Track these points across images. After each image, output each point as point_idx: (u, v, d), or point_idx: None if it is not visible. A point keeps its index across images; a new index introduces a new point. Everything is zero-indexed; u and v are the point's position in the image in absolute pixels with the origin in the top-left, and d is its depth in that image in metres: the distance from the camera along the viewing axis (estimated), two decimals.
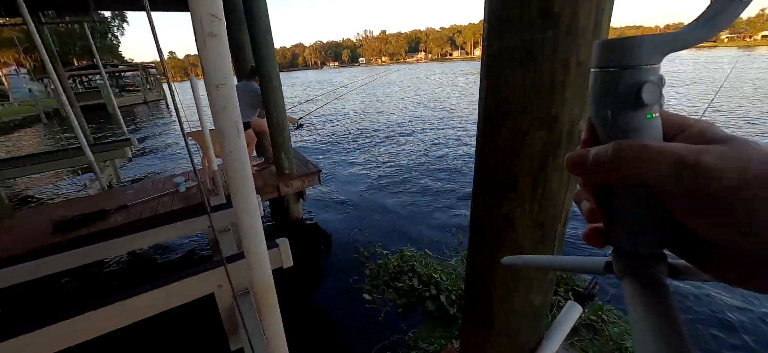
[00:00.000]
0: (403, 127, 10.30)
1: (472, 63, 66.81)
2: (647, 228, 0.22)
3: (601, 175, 0.22)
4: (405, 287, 2.95)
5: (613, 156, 0.21)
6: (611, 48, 0.21)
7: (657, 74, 0.20)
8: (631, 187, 0.22)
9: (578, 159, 0.23)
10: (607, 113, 0.22)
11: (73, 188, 6.41)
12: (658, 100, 0.21)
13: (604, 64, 0.21)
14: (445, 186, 5.36)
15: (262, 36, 3.30)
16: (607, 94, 0.21)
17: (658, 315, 0.20)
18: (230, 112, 0.67)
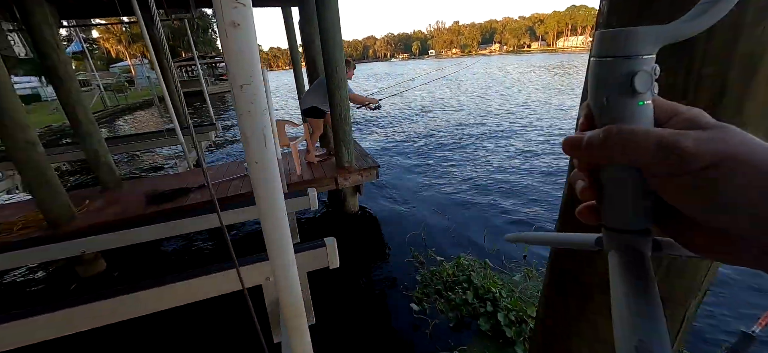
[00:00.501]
0: (469, 126, 9.71)
1: (552, 56, 60.57)
2: (633, 206, 0.24)
3: (593, 156, 0.24)
4: (458, 299, 2.71)
5: (603, 139, 0.22)
6: (609, 38, 0.22)
7: (651, 64, 0.22)
8: (620, 168, 0.23)
9: (574, 142, 0.24)
10: (603, 100, 0.23)
11: (169, 163, 7.43)
12: (650, 88, 0.22)
13: (602, 53, 0.23)
14: (511, 195, 4.87)
15: (331, 25, 3.29)
16: (604, 82, 0.23)
17: (636, 283, 0.23)
18: (256, 116, 0.57)
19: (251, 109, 0.56)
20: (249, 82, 0.53)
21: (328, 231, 4.11)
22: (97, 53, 42.67)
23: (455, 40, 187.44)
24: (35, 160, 2.95)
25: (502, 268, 3.10)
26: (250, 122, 0.57)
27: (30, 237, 3.14)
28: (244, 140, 0.59)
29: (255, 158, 0.60)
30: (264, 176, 0.62)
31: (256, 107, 0.56)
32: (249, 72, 0.53)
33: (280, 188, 0.66)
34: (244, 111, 0.56)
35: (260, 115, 0.57)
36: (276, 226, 0.68)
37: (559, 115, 10.11)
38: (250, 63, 0.53)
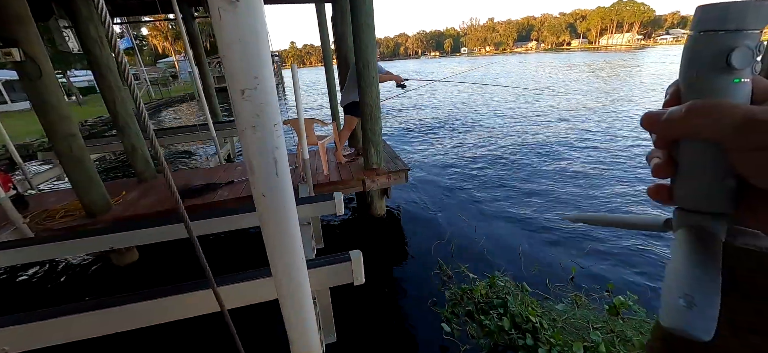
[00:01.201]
0: (507, 130, 9.20)
1: (594, 54, 57.00)
2: (711, 186, 0.22)
3: (673, 130, 0.22)
4: (492, 326, 2.44)
5: (685, 112, 0.21)
6: (710, 10, 0.21)
7: (755, 40, 0.20)
8: (700, 144, 0.22)
9: (654, 116, 0.23)
10: (694, 74, 0.22)
11: (204, 155, 7.66)
12: (750, 65, 0.20)
13: (701, 27, 0.21)
14: (554, 207, 4.47)
15: (364, 20, 3.13)
16: (698, 57, 0.21)
17: (699, 256, 0.21)
18: (264, 134, 0.40)
19: (257, 124, 0.39)
20: (253, 85, 0.37)
21: (353, 235, 4.00)
22: (146, 49, 45.77)
23: (489, 38, 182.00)
24: (75, 152, 3.04)
25: (544, 293, 2.79)
26: (256, 143, 0.40)
27: (69, 226, 3.27)
28: (247, 166, 0.43)
29: (262, 190, 0.44)
30: (275, 216, 0.45)
31: (264, 121, 0.39)
32: (253, 71, 0.36)
33: (296, 228, 0.49)
34: (247, 126, 0.40)
35: (270, 133, 0.40)
36: (289, 278, 0.51)
37: (604, 118, 9.36)
38: (255, 58, 0.36)
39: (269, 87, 0.40)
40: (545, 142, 7.46)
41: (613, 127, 8.32)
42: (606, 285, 2.81)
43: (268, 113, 0.41)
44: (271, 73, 0.40)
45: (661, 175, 0.25)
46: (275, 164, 0.43)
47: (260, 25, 0.37)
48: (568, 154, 6.51)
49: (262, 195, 0.45)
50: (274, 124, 0.42)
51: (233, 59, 0.37)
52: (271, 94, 0.40)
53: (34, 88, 2.83)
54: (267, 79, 0.39)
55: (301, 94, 2.97)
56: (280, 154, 0.43)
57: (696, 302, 0.19)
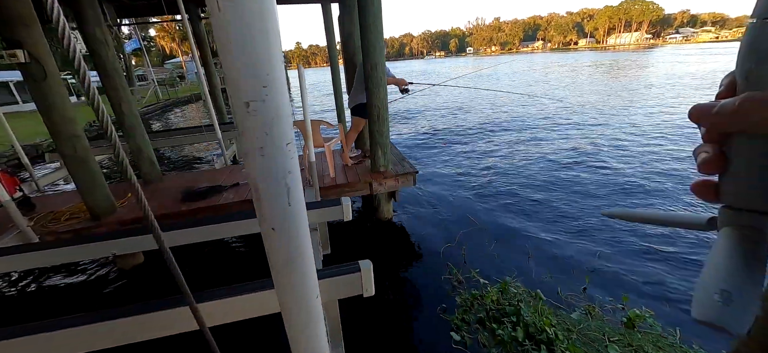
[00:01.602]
0: (517, 129, 9.05)
1: (603, 54, 56.29)
2: (763, 184, 0.21)
3: (723, 124, 0.21)
4: (505, 335, 2.35)
5: (738, 105, 0.20)
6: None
7: None
8: (756, 140, 0.21)
9: (703, 108, 0.22)
10: (752, 65, 0.20)
11: (210, 156, 7.65)
12: None
13: (763, 14, 0.20)
14: (566, 209, 4.35)
15: (372, 20, 3.05)
16: (759, 46, 0.20)
17: (742, 262, 0.19)
18: (275, 156, 0.32)
19: (266, 145, 0.31)
20: (261, 97, 0.29)
21: (360, 239, 3.92)
22: (154, 50, 46.25)
23: (495, 37, 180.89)
24: (79, 154, 3.01)
25: (558, 302, 2.69)
26: (264, 167, 0.32)
27: (74, 229, 3.24)
28: (253, 192, 0.35)
29: (271, 222, 0.36)
30: (286, 254, 0.37)
31: (275, 140, 0.31)
32: (261, 78, 0.29)
33: (312, 267, 0.41)
34: (253, 147, 0.32)
35: (282, 154, 0.32)
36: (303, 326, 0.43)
37: (616, 120, 9.17)
38: (265, 62, 0.28)
39: (281, 97, 0.32)
40: (557, 145, 7.32)
41: (628, 129, 8.15)
42: (620, 297, 2.71)
43: (280, 130, 0.33)
44: (284, 81, 0.32)
45: (710, 171, 0.24)
46: (288, 192, 0.35)
47: (271, 20, 0.29)
48: (582, 157, 6.37)
49: (272, 229, 0.37)
50: (287, 143, 0.34)
51: (236, 64, 0.29)
52: (284, 105, 0.32)
53: (39, 89, 2.80)
54: (279, 87, 0.31)
55: (307, 93, 2.90)
56: (294, 179, 0.35)
57: (733, 298, 0.18)
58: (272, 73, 0.31)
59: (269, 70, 0.31)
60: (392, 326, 2.65)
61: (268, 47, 0.30)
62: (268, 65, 0.30)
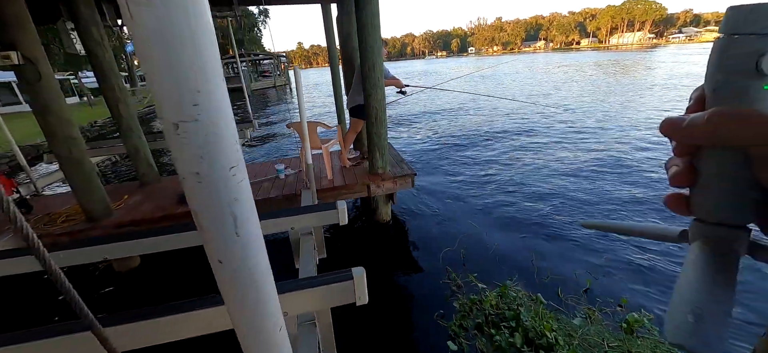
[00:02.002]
0: (517, 132, 8.97)
1: (605, 54, 55.99)
2: (733, 197, 0.21)
3: (694, 137, 0.22)
4: (503, 342, 2.30)
5: (707, 119, 0.20)
6: (740, 12, 0.20)
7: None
8: (724, 153, 0.21)
9: (674, 121, 0.22)
10: (721, 79, 0.21)
11: None
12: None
13: (729, 30, 0.20)
14: (565, 212, 4.29)
15: (369, 20, 3.01)
16: (727, 60, 0.21)
17: (712, 279, 0.19)
18: (214, 183, 0.27)
19: (202, 170, 0.27)
20: (192, 115, 0.24)
21: (357, 242, 3.88)
22: None
23: (497, 37, 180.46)
24: (74, 155, 2.98)
25: (558, 305, 2.63)
26: (202, 194, 0.28)
27: (69, 232, 3.22)
28: (196, 222, 0.31)
29: (217, 254, 0.32)
30: (241, 289, 0.32)
31: (213, 164, 0.26)
32: (191, 92, 0.24)
33: (272, 299, 0.37)
34: (188, 173, 0.27)
35: (224, 181, 0.28)
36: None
37: (621, 120, 9.09)
38: (195, 73, 0.24)
39: (220, 115, 0.27)
40: (558, 147, 7.25)
41: (630, 131, 8.07)
42: (619, 300, 2.66)
43: (221, 153, 0.28)
44: (224, 94, 0.28)
45: (681, 184, 0.24)
46: (235, 222, 0.31)
47: (200, 24, 0.24)
48: (581, 158, 6.31)
49: (219, 261, 0.33)
50: (231, 167, 0.29)
51: (158, 79, 0.25)
52: (224, 125, 0.28)
53: (33, 91, 2.77)
54: (216, 103, 0.26)
55: (303, 94, 2.86)
56: (242, 207, 0.31)
57: (705, 317, 0.18)
58: (206, 87, 0.26)
59: (201, 84, 0.26)
60: (388, 333, 2.61)
61: (199, 56, 0.25)
62: (199, 78, 0.26)
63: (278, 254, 3.39)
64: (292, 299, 1.54)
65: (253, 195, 1.75)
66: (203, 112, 0.26)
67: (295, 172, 3.92)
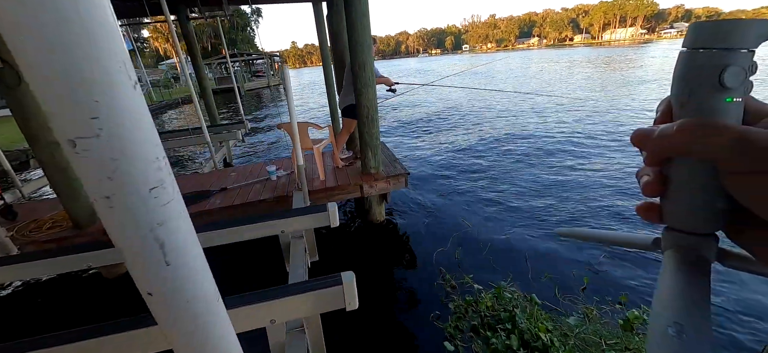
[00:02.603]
0: (509, 132, 8.93)
1: (598, 50, 56.31)
2: (702, 206, 0.22)
3: (663, 148, 0.22)
4: (500, 345, 2.27)
5: (675, 131, 0.21)
6: (704, 28, 0.21)
7: (747, 59, 0.20)
8: (690, 164, 0.22)
9: (644, 133, 0.23)
10: (686, 92, 0.22)
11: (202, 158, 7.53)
12: (742, 84, 0.20)
13: (693, 45, 0.21)
14: (562, 210, 4.29)
15: (358, 18, 2.96)
16: (690, 74, 0.21)
17: (689, 280, 0.20)
18: (130, 208, 0.23)
19: (113, 194, 0.23)
20: (92, 131, 0.19)
21: (351, 243, 3.83)
22: (148, 51, 45.82)
23: (491, 34, 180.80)
24: (58, 160, 2.90)
25: (553, 305, 2.61)
26: (121, 224, 0.24)
27: (55, 238, 3.14)
28: (119, 253, 0.26)
29: (146, 286, 0.28)
30: (180, 322, 0.28)
31: (126, 186, 0.22)
32: (89, 102, 0.19)
33: (226, 330, 0.33)
34: (98, 197, 0.24)
35: (142, 203, 0.24)
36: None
37: (619, 118, 9.13)
38: (97, 80, 0.20)
39: (130, 127, 0.22)
40: (551, 144, 7.26)
41: (624, 128, 8.11)
42: (618, 297, 2.64)
43: (136, 171, 0.24)
44: (136, 101, 0.23)
45: (651, 193, 0.25)
46: (162, 248, 0.27)
47: (96, 16, 0.20)
48: (576, 157, 6.32)
49: (148, 294, 0.29)
50: (152, 188, 0.25)
51: (48, 87, 0.20)
52: (137, 139, 0.23)
53: (13, 95, 2.70)
54: (123, 113, 0.22)
55: (293, 94, 2.81)
56: (170, 231, 0.27)
57: (686, 328, 0.18)
58: (108, 97, 0.22)
59: (100, 94, 0.22)
60: (383, 336, 2.57)
61: (96, 60, 0.21)
62: (97, 86, 0.21)
63: (268, 258, 3.34)
64: (278, 306, 1.50)
65: (245, 197, 1.72)
66: (106, 127, 0.22)
67: (287, 173, 3.86)
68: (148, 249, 0.28)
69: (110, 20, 0.21)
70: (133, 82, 0.24)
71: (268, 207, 3.33)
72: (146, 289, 0.29)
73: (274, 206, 3.33)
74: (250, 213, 3.28)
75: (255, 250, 3.54)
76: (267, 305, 1.49)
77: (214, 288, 0.35)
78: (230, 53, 30.57)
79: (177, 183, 1.57)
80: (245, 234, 2.21)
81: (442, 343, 2.32)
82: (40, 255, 2.41)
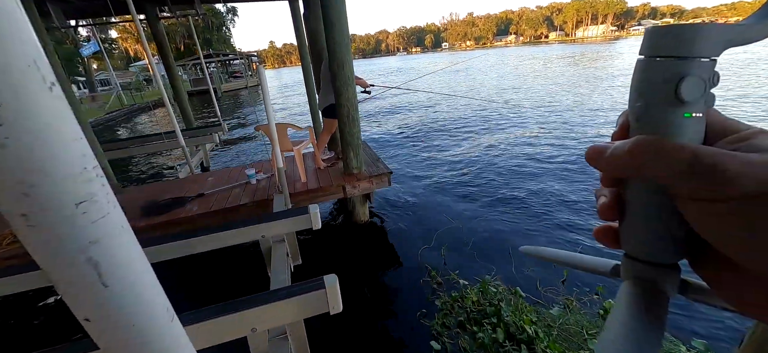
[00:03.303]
0: (489, 128, 9.06)
1: (571, 47, 58.26)
2: (661, 235, 0.20)
3: (616, 168, 0.20)
4: (486, 338, 2.30)
5: (629, 149, 0.19)
6: (658, 34, 0.19)
7: (707, 69, 0.18)
8: (647, 185, 0.20)
9: (597, 150, 0.21)
10: (642, 105, 0.20)
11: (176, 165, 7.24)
12: (701, 97, 0.18)
13: (649, 52, 0.19)
14: (541, 201, 4.39)
15: (336, 17, 2.91)
16: (646, 85, 0.19)
17: (643, 317, 0.19)
18: (54, 226, 0.20)
19: (32, 213, 0.20)
20: None
21: (334, 245, 3.79)
22: (117, 53, 43.73)
23: (469, 32, 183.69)
24: None
25: (536, 297, 2.67)
26: (45, 243, 0.21)
27: (19, 253, 2.94)
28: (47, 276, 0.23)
29: (83, 312, 0.25)
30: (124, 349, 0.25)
31: (48, 202, 0.19)
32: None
33: None
34: (13, 215, 0.20)
35: (72, 223, 0.21)
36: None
37: (592, 115, 9.45)
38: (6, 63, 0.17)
39: (47, 133, 0.19)
40: (531, 140, 7.44)
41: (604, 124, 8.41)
42: (595, 288, 2.73)
43: (57, 184, 0.21)
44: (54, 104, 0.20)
45: (608, 217, 0.23)
46: (97, 269, 0.24)
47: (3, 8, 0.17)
48: (555, 152, 6.50)
49: (85, 319, 0.26)
50: (79, 203, 0.22)
51: None
52: (59, 144, 0.20)
53: None
54: (37, 118, 0.19)
55: (269, 95, 2.74)
56: (107, 250, 0.24)
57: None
58: (14, 100, 0.19)
59: (4, 96, 0.19)
60: (370, 337, 2.55)
61: (2, 55, 0.18)
62: (3, 86, 0.18)
63: (249, 264, 3.25)
64: (259, 314, 1.45)
65: (224, 202, 1.66)
66: (14, 135, 0.19)
67: (267, 176, 3.77)
68: (80, 272, 0.24)
69: (16, 13, 0.18)
70: (50, 83, 0.20)
71: (248, 211, 3.24)
72: (82, 315, 0.26)
73: (255, 210, 3.25)
74: (230, 218, 3.18)
75: (235, 257, 3.44)
76: (247, 313, 1.44)
77: (167, 308, 0.32)
78: (205, 54, 29.68)
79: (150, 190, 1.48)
80: (224, 241, 2.13)
81: (428, 342, 2.34)
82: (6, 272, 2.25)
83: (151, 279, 0.30)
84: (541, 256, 0.34)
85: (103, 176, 0.25)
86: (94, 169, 0.24)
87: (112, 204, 0.25)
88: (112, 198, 0.26)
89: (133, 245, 0.28)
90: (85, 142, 0.24)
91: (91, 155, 0.24)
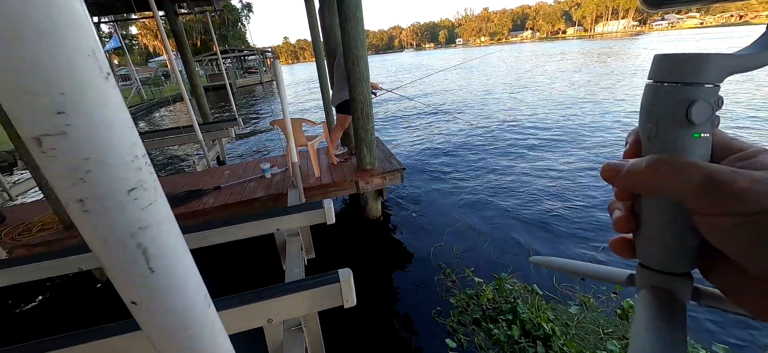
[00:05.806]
0: (507, 123, 8.94)
1: (591, 42, 56.59)
2: (674, 245, 0.22)
3: (632, 185, 0.22)
4: (501, 335, 2.28)
5: (645, 168, 0.20)
6: (668, 61, 0.20)
7: (714, 95, 0.20)
8: (662, 202, 0.21)
9: (613, 168, 0.23)
10: (653, 127, 0.21)
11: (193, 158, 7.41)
12: (709, 120, 0.20)
13: (658, 78, 0.21)
14: (558, 201, 4.31)
15: (352, 12, 2.91)
16: (657, 108, 0.21)
17: (665, 327, 0.20)
18: (108, 211, 0.21)
19: (88, 198, 0.20)
20: (60, 128, 0.17)
21: (347, 240, 3.81)
22: (137, 48, 44.92)
23: (484, 28, 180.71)
24: None
25: (553, 295, 2.63)
26: (98, 229, 0.22)
27: (46, 241, 3.08)
28: (99, 260, 0.24)
29: (130, 295, 0.25)
30: (168, 332, 0.26)
31: (103, 188, 0.20)
32: (54, 99, 0.17)
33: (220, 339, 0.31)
34: (69, 201, 0.21)
35: (123, 208, 0.21)
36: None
37: (617, 112, 9.19)
38: (61, 70, 0.17)
39: (105, 122, 0.20)
40: (550, 135, 7.30)
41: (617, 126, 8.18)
42: (613, 287, 2.67)
43: (112, 172, 0.21)
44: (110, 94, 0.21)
45: (622, 230, 0.24)
46: (145, 254, 0.24)
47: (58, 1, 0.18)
48: (575, 149, 6.35)
49: (132, 303, 0.27)
50: (131, 189, 0.23)
51: (6, 80, 0.18)
52: (115, 133, 0.21)
53: None
54: (96, 107, 0.20)
55: (285, 90, 2.76)
56: (155, 237, 0.24)
57: None
58: (76, 90, 0.19)
59: (67, 86, 0.19)
60: (384, 335, 2.56)
61: (64, 46, 0.18)
62: (62, 78, 0.19)
63: (264, 257, 3.31)
64: (275, 305, 1.47)
65: (239, 195, 1.69)
66: (75, 123, 0.20)
67: (282, 170, 3.82)
68: (130, 256, 0.25)
69: (76, 6, 0.19)
70: (106, 73, 0.21)
71: (263, 205, 3.30)
72: (130, 298, 0.27)
73: (269, 204, 3.30)
74: (245, 211, 3.24)
75: (250, 249, 3.51)
76: (263, 304, 1.47)
77: (205, 294, 0.33)
78: (221, 49, 30.17)
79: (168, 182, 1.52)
80: (240, 233, 2.18)
81: (443, 339, 2.33)
82: (30, 260, 2.35)
83: (192, 268, 0.31)
84: (552, 266, 0.35)
85: (151, 165, 0.26)
86: (143, 157, 0.25)
87: (158, 193, 0.26)
88: (159, 187, 0.27)
89: (176, 233, 0.29)
90: (135, 130, 0.25)
91: (140, 144, 0.25)
